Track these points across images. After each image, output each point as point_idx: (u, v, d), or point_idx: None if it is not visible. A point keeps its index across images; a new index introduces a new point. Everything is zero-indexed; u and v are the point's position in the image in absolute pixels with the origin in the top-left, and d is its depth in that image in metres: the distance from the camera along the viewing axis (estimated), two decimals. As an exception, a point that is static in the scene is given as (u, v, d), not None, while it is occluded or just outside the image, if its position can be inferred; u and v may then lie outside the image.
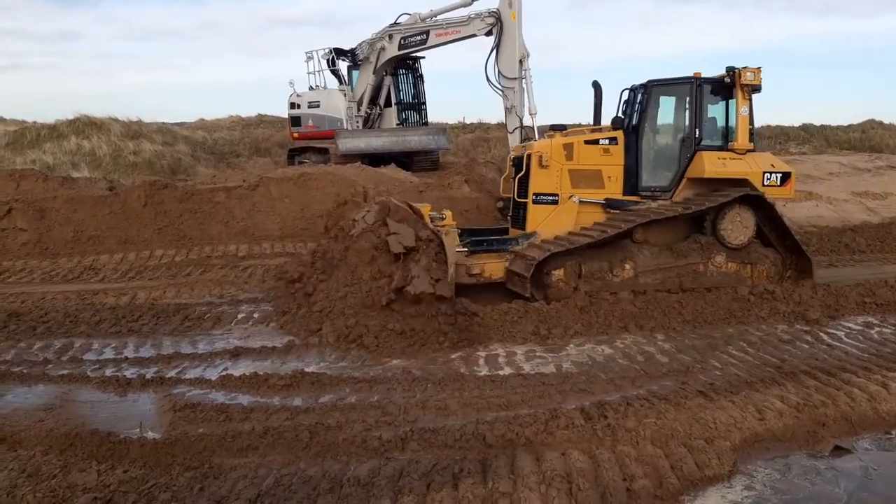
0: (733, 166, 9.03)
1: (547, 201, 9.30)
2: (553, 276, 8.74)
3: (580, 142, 9.33)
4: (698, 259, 8.98)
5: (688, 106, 9.22)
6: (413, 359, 6.95)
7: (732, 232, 8.98)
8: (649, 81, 9.36)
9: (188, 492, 4.44)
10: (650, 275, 8.89)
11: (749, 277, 9.13)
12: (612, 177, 9.35)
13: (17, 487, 4.45)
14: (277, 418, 5.47)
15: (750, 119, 9.14)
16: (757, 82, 8.97)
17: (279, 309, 8.57)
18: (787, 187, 9.21)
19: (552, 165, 9.21)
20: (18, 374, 6.52)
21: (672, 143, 9.47)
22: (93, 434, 5.04)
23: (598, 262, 8.82)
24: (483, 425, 5.18)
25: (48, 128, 22.70)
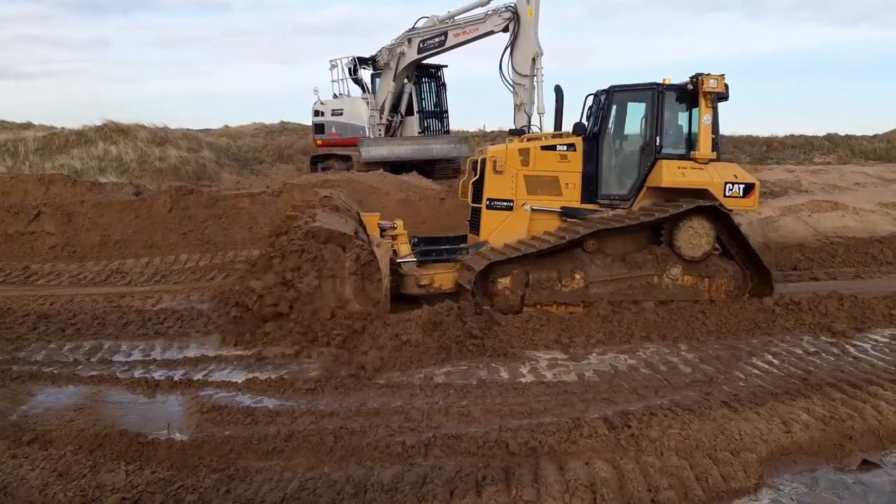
0: (693, 176, 8.72)
1: (501, 207, 9.10)
2: (498, 284, 8.64)
3: (536, 147, 9.10)
4: (652, 271, 8.71)
5: (649, 113, 8.95)
6: (433, 366, 6.97)
7: (688, 244, 8.67)
8: (611, 87, 9.16)
9: (214, 493, 4.50)
10: (601, 286, 8.65)
11: (707, 291, 8.85)
12: (569, 184, 9.08)
13: (48, 486, 4.53)
14: (302, 422, 5.52)
15: (714, 128, 8.84)
16: (720, 90, 8.69)
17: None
18: (750, 199, 8.88)
19: (507, 171, 9.01)
20: (49, 374, 6.65)
21: (632, 151, 9.19)
22: (122, 435, 5.13)
23: (547, 272, 8.63)
24: (506, 433, 5.19)
25: (76, 133, 23.15)
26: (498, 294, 8.60)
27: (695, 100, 8.83)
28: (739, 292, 8.96)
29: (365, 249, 8.02)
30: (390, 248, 8.43)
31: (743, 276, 9.00)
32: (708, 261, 8.83)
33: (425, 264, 9.16)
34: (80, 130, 23.32)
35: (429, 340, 7.24)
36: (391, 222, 9.44)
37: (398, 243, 9.27)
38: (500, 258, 8.44)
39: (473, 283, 8.32)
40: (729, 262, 9.01)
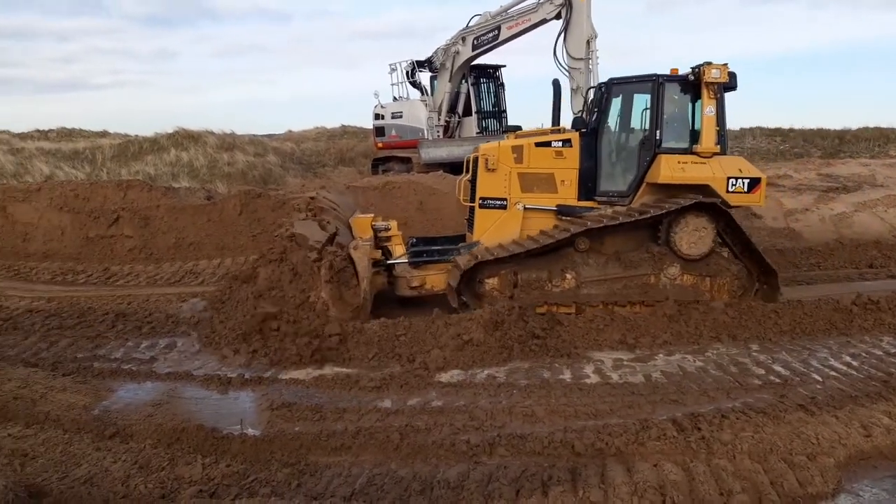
0: (693, 171, 8.23)
1: (494, 206, 8.84)
2: (486, 285, 8.50)
3: (530, 144, 8.78)
4: (649, 270, 8.36)
5: (649, 106, 8.51)
6: (495, 366, 6.97)
7: (687, 242, 8.25)
8: (610, 80, 8.84)
9: (286, 487, 4.64)
10: (594, 286, 8.37)
11: (708, 291, 8.46)
12: (565, 181, 8.73)
13: (130, 478, 4.76)
14: (368, 419, 5.63)
15: (719, 120, 8.36)
16: (723, 80, 8.17)
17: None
18: (755, 194, 8.27)
19: (500, 169, 8.75)
20: (128, 371, 6.96)
21: (632, 146, 8.78)
22: (198, 429, 5.34)
23: (536, 272, 8.40)
24: (571, 433, 5.15)
25: (150, 141, 24.11)
26: (485, 295, 8.49)
27: (699, 91, 8.36)
28: (744, 293, 8.56)
29: (338, 255, 7.92)
30: (368, 251, 8.21)
31: (748, 276, 8.59)
32: (709, 260, 8.43)
33: (418, 265, 9.03)
34: (153, 138, 24.29)
35: (490, 340, 7.25)
36: (385, 223, 9.32)
37: (392, 244, 9.24)
38: (486, 258, 8.29)
39: (458, 284, 8.25)
40: (732, 261, 8.57)
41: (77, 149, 23.45)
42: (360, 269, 8.00)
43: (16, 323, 8.63)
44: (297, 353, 7.16)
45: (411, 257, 9.15)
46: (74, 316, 8.86)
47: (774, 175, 15.35)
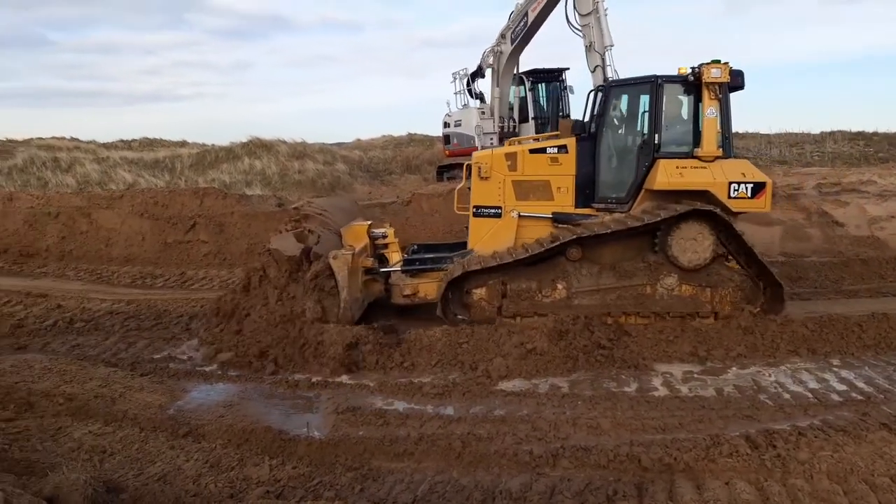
0: (692, 176, 7.86)
1: (489, 214, 8.60)
2: (474, 295, 8.31)
3: (524, 151, 8.52)
4: (644, 280, 8.04)
5: (647, 109, 8.16)
6: (559, 376, 6.87)
7: (684, 251, 7.90)
8: (609, 82, 8.48)
9: (349, 491, 4.69)
10: (586, 296, 8.11)
11: (709, 302, 8.05)
12: (561, 188, 8.44)
13: (201, 476, 4.92)
14: (431, 426, 5.63)
15: (723, 122, 7.98)
16: (724, 80, 7.78)
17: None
18: (760, 199, 7.84)
19: (493, 177, 8.52)
20: (201, 372, 7.20)
21: (630, 150, 8.43)
22: (266, 431, 5.47)
23: (526, 282, 8.20)
24: (638, 447, 5.02)
25: (225, 150, 25.04)
26: (473, 305, 8.34)
27: (701, 93, 7.99)
28: (749, 305, 8.13)
29: (322, 264, 7.96)
30: (349, 260, 8.05)
31: (753, 288, 8.16)
32: (709, 269, 8.04)
33: (413, 274, 8.90)
34: (228, 147, 25.21)
35: (555, 349, 7.15)
36: (382, 231, 9.29)
37: (389, 252, 9.24)
38: (475, 267, 8.12)
39: (444, 294, 8.16)
40: (735, 271, 8.17)
41: (158, 158, 24.57)
42: (340, 279, 7.96)
43: (97, 324, 9.06)
44: (317, 365, 7.28)
45: (404, 265, 9.07)
46: (152, 318, 9.24)
47: (858, 181, 14.59)
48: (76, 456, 5.19)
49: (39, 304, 9.91)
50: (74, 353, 7.87)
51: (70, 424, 5.82)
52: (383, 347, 7.43)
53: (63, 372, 6.92)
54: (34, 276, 12.25)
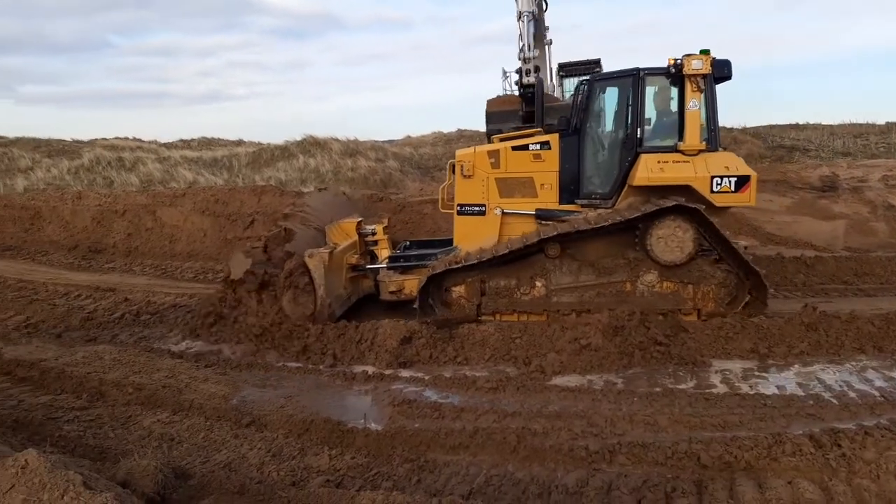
0: (672, 171, 7.69)
1: (473, 212, 8.58)
2: (453, 292, 8.32)
3: (507, 148, 8.45)
4: (624, 277, 7.95)
5: (629, 102, 7.97)
6: (614, 372, 6.82)
7: (663, 247, 7.74)
8: (592, 76, 8.30)
9: (407, 482, 4.77)
10: (566, 294, 8.05)
11: (691, 300, 7.90)
12: (545, 184, 8.37)
13: (264, 465, 5.08)
14: (486, 420, 5.67)
15: (709, 114, 7.77)
16: (705, 71, 7.58)
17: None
18: (744, 193, 7.63)
19: (476, 175, 8.50)
20: (261, 364, 7.41)
21: (613, 145, 8.30)
22: (325, 422, 5.60)
23: (505, 279, 8.18)
24: (697, 444, 4.94)
25: (280, 148, 25.58)
26: (453, 303, 8.35)
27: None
28: (733, 302, 7.93)
29: (294, 263, 8.13)
30: (325, 258, 8.16)
31: (738, 285, 7.94)
32: (690, 266, 7.87)
33: (402, 270, 8.93)
34: (283, 145, 25.74)
35: (610, 345, 7.08)
36: (371, 227, 9.39)
37: (378, 248, 9.37)
38: (453, 266, 8.13)
39: (423, 292, 8.19)
40: (718, 267, 7.97)
41: (216, 157, 25.26)
42: (316, 276, 8.09)
43: (162, 317, 9.41)
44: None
45: (390, 262, 9.12)
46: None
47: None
48: (146, 443, 5.42)
49: (108, 297, 10.34)
50: (141, 344, 8.20)
51: (140, 413, 6.09)
52: (437, 342, 7.51)
53: (132, 363, 7.25)
54: (102, 271, 12.79)
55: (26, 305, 9.81)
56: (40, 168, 23.97)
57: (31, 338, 8.38)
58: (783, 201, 14.37)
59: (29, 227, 15.54)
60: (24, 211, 16.04)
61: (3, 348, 7.80)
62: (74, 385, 6.67)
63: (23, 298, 10.15)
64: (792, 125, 27.42)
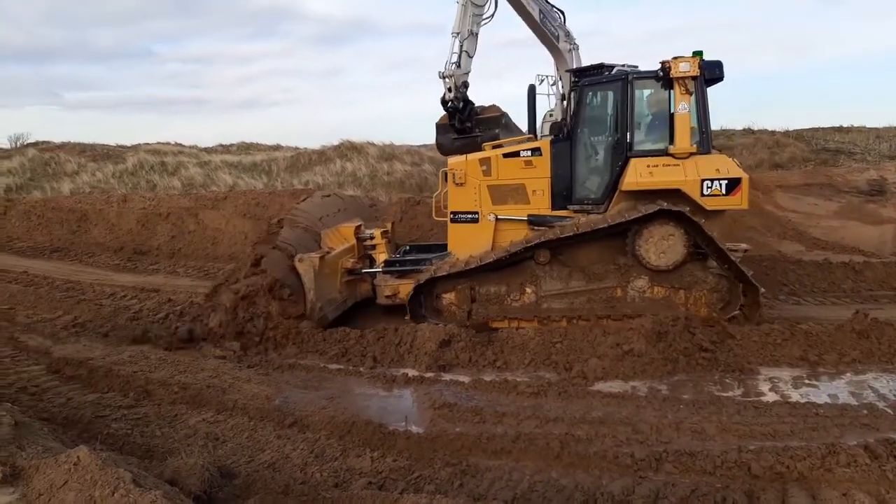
0: (662, 175, 7.63)
1: (466, 219, 8.59)
2: (443, 299, 8.37)
3: (498, 156, 8.45)
4: (614, 283, 7.91)
5: (619, 106, 7.93)
6: (658, 378, 6.69)
7: (653, 252, 7.68)
8: (583, 80, 8.20)
9: (449, 486, 4.75)
10: (555, 300, 8.04)
11: (683, 305, 7.82)
12: (537, 190, 8.35)
13: (307, 465, 5.10)
14: (528, 425, 5.62)
15: (700, 116, 7.70)
16: (693, 73, 7.52)
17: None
18: (735, 196, 7.55)
19: (468, 182, 8.52)
20: (304, 366, 7.45)
21: (604, 150, 8.22)
22: (367, 424, 5.61)
23: (495, 286, 8.21)
24: (747, 454, 4.83)
25: (317, 153, 25.79)
26: (443, 309, 8.38)
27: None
28: (726, 307, 7.85)
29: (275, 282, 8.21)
30: (315, 262, 8.26)
31: (731, 290, 7.85)
32: (682, 271, 7.81)
33: (398, 275, 8.94)
34: (320, 150, 25.98)
35: (653, 351, 6.97)
36: (370, 232, 9.49)
37: (376, 253, 9.43)
38: (442, 273, 8.15)
39: (413, 299, 8.26)
40: (710, 271, 7.87)
41: (255, 161, 25.62)
42: (306, 280, 8.20)
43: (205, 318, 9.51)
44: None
45: (385, 266, 9.14)
46: (255, 313, 9.61)
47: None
48: (192, 442, 5.49)
49: (152, 297, 10.54)
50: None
51: (185, 412, 6.18)
52: (475, 345, 7.47)
53: (177, 362, 7.38)
54: (147, 273, 13.05)
55: (74, 305, 10.05)
56: (86, 172, 24.60)
57: (79, 337, 8.57)
58: (829, 205, 13.99)
59: (76, 230, 15.96)
60: (71, 213, 16.47)
61: (52, 347, 8.00)
62: (121, 383, 6.80)
63: (70, 299, 10.40)
64: (836, 128, 26.72)
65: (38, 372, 7.18)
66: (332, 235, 9.50)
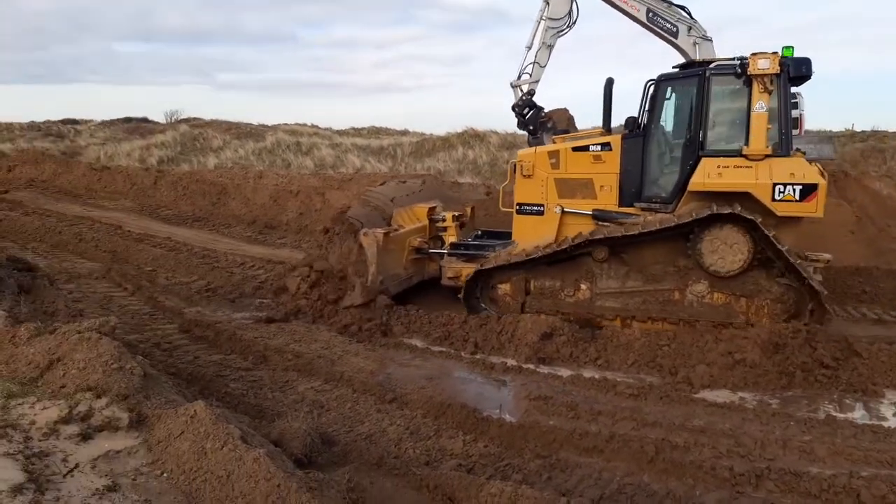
0: (731, 177, 7.32)
1: (531, 212, 8.50)
2: (499, 290, 8.46)
3: (567, 149, 8.28)
4: (672, 285, 7.74)
5: (694, 103, 7.62)
6: (770, 392, 6.35)
7: (714, 257, 7.44)
8: (661, 75, 7.89)
9: (537, 477, 4.78)
10: (610, 298, 7.93)
11: (743, 313, 7.53)
12: (604, 186, 8.15)
13: (402, 441, 5.31)
14: (623, 426, 5.54)
15: (781, 116, 7.29)
16: (773, 71, 7.10)
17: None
18: (810, 202, 7.12)
19: (536, 175, 8.42)
20: (408, 345, 7.70)
21: (677, 148, 7.97)
22: (462, 407, 5.74)
23: (550, 280, 8.21)
24: (858, 480, 4.52)
25: (441, 139, 26.25)
26: (499, 300, 8.49)
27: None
28: (789, 317, 7.42)
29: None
30: (379, 238, 8.46)
31: (796, 299, 7.44)
32: (745, 277, 7.50)
33: (464, 258, 9.04)
34: (444, 136, 26.42)
35: (767, 363, 6.62)
36: (442, 214, 9.77)
37: (446, 235, 9.65)
38: (501, 262, 8.29)
39: (467, 287, 8.45)
40: (776, 281, 7.49)
41: (383, 145, 26.46)
42: (369, 255, 8.45)
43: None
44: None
45: (451, 248, 9.31)
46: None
47: None
48: (298, 407, 5.86)
49: (277, 269, 11.22)
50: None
51: (296, 379, 6.59)
52: (578, 341, 7.41)
53: (293, 332, 7.86)
54: (275, 246, 13.87)
55: (208, 272, 10.90)
56: (229, 148, 26.43)
57: (210, 301, 9.31)
58: None
59: (216, 202, 17.22)
60: (212, 186, 17.80)
61: (185, 309, 8.75)
62: (242, 347, 7.35)
63: (205, 265, 11.28)
64: None
65: (171, 330, 7.89)
66: (404, 214, 9.78)
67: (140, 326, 7.90)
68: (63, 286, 8.98)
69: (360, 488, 4.27)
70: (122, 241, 12.83)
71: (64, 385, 4.49)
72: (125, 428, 4.07)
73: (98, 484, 3.51)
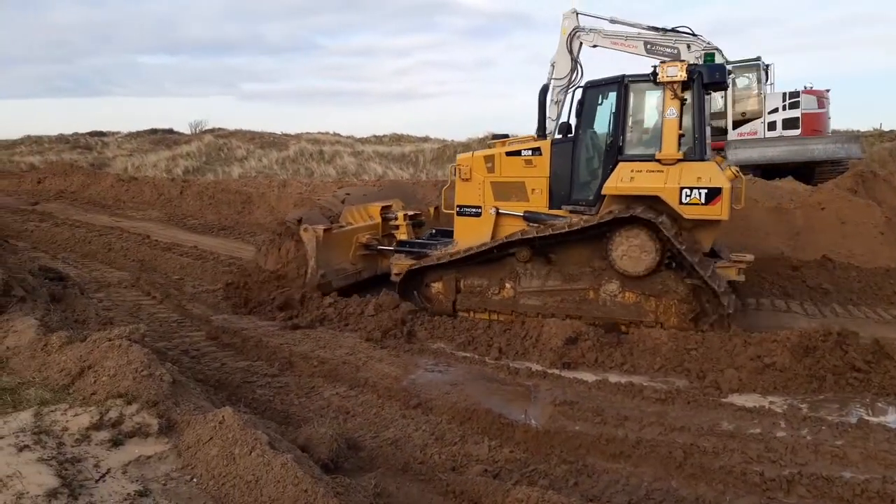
0: (642, 181, 7.62)
1: (470, 213, 9.01)
2: (432, 288, 8.85)
3: (501, 154, 8.75)
4: (588, 285, 8.07)
5: (614, 109, 7.96)
6: (800, 396, 6.25)
7: (624, 257, 7.74)
8: (588, 82, 8.31)
9: (563, 483, 4.76)
10: (531, 297, 8.29)
11: (653, 312, 7.81)
12: (535, 189, 8.58)
13: (427, 446, 5.31)
14: (650, 431, 5.49)
15: (693, 123, 7.59)
16: (681, 78, 7.42)
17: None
18: (714, 206, 7.35)
19: (474, 178, 8.91)
20: (432, 350, 7.70)
21: (600, 152, 8.31)
22: (487, 412, 5.73)
23: (478, 279, 8.60)
24: (892, 485, 4.44)
25: (462, 145, 26.37)
26: (432, 297, 8.88)
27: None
28: (697, 318, 7.67)
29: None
30: (319, 233, 9.08)
31: (704, 299, 7.69)
32: (654, 278, 7.76)
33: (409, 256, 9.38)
34: (466, 143, 26.52)
35: (798, 367, 6.51)
36: (394, 213, 10.39)
37: (398, 232, 10.20)
38: (414, 267, 8.76)
39: (401, 284, 8.88)
40: (682, 282, 7.71)
41: (404, 152, 26.64)
42: (308, 250, 9.09)
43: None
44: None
45: (398, 246, 9.79)
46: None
47: None
48: (325, 413, 5.90)
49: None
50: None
51: (321, 384, 6.63)
52: (603, 346, 7.35)
53: (318, 338, 7.93)
54: (298, 254, 13.99)
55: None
56: (253, 157, 26.79)
57: (236, 308, 9.40)
58: None
59: (241, 210, 17.45)
60: (237, 195, 18.03)
61: (212, 316, 8.86)
62: (269, 354, 7.42)
63: (231, 273, 11.41)
64: None
65: (199, 337, 7.99)
66: (355, 213, 10.54)
67: (168, 334, 8.02)
68: (93, 295, 9.15)
69: (387, 493, 4.28)
70: (149, 251, 13.05)
71: (95, 392, 4.57)
72: (155, 434, 4.13)
73: (129, 489, 3.56)
